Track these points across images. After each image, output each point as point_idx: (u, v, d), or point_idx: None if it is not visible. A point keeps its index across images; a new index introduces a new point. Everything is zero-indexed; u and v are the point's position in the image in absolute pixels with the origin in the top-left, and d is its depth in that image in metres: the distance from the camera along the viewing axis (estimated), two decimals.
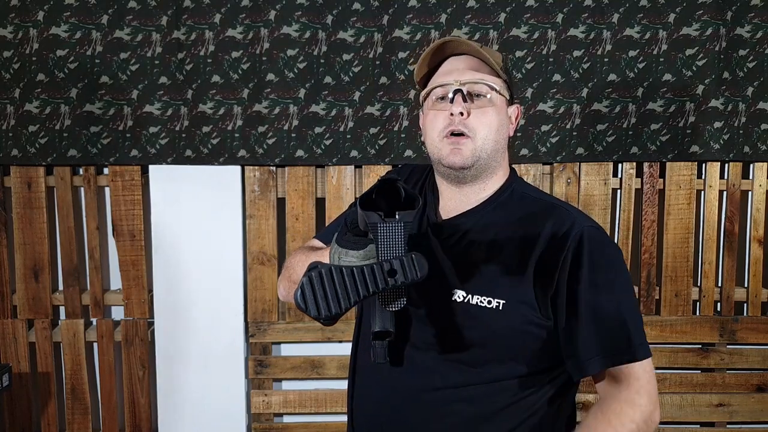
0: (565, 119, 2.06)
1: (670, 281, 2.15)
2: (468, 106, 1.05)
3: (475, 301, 1.02)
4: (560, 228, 1.04)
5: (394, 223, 0.86)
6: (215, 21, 2.01)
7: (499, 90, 1.08)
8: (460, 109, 1.04)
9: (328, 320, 0.86)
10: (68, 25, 2.01)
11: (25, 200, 2.10)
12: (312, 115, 2.05)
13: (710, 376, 2.20)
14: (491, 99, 1.07)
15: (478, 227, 1.09)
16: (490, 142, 1.07)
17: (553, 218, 1.05)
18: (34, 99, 2.02)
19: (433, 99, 1.10)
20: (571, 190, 2.12)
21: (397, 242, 0.86)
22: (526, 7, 2.02)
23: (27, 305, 2.14)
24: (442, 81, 1.09)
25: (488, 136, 1.06)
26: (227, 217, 2.11)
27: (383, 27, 2.02)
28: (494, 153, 1.08)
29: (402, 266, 0.82)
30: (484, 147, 1.06)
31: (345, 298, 0.83)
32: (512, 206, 1.10)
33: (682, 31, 2.03)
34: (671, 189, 2.12)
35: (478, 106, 1.06)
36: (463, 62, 1.09)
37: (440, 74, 1.11)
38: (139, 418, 2.19)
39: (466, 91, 1.06)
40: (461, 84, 1.06)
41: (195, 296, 2.12)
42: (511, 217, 1.08)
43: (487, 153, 1.07)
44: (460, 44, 1.09)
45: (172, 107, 2.04)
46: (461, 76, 1.07)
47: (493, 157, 1.08)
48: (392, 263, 0.83)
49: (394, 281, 0.83)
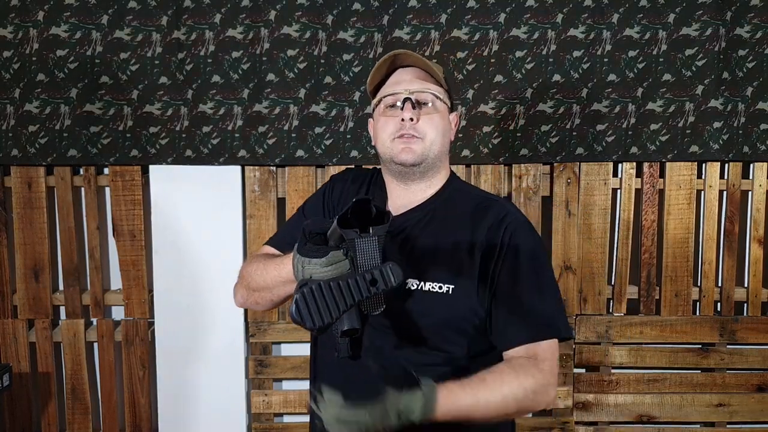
0: (564, 119, 2.06)
1: (670, 281, 2.16)
2: (417, 112, 1.17)
3: (427, 288, 1.13)
4: (496, 219, 1.16)
5: (369, 238, 0.95)
6: (215, 21, 2.01)
7: (442, 98, 1.21)
8: (411, 115, 1.16)
9: (321, 330, 0.95)
10: (68, 25, 2.01)
11: (26, 200, 2.10)
12: (312, 115, 2.05)
13: (710, 376, 2.20)
14: (436, 106, 1.20)
15: (426, 221, 1.20)
16: (437, 144, 1.19)
17: (491, 210, 1.18)
18: (34, 99, 2.02)
19: (383, 107, 1.22)
20: (571, 190, 2.12)
21: (374, 254, 0.95)
22: (525, 8, 2.02)
23: (27, 305, 2.14)
24: (392, 90, 1.21)
25: (435, 138, 1.18)
26: (227, 217, 2.12)
27: (383, 27, 2.02)
28: (440, 154, 1.20)
29: (382, 275, 0.92)
30: (432, 148, 1.18)
31: (335, 309, 0.92)
32: (455, 201, 1.22)
33: (682, 32, 2.03)
34: (671, 189, 2.12)
35: (425, 113, 1.19)
36: (410, 73, 1.21)
37: (390, 84, 1.23)
38: (139, 418, 2.19)
39: (414, 99, 1.18)
40: (410, 93, 1.18)
41: (195, 296, 2.12)
42: (455, 211, 1.20)
43: (434, 153, 1.19)
44: (408, 56, 1.21)
45: (173, 107, 2.04)
46: (410, 85, 1.19)
47: (438, 157, 1.20)
48: (373, 273, 0.92)
49: (375, 289, 0.92)
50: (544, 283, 1.16)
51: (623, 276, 2.16)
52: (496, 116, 2.04)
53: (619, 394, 2.19)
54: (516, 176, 2.11)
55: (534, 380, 1.06)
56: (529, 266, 1.14)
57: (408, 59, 1.22)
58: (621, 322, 2.17)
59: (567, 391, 2.17)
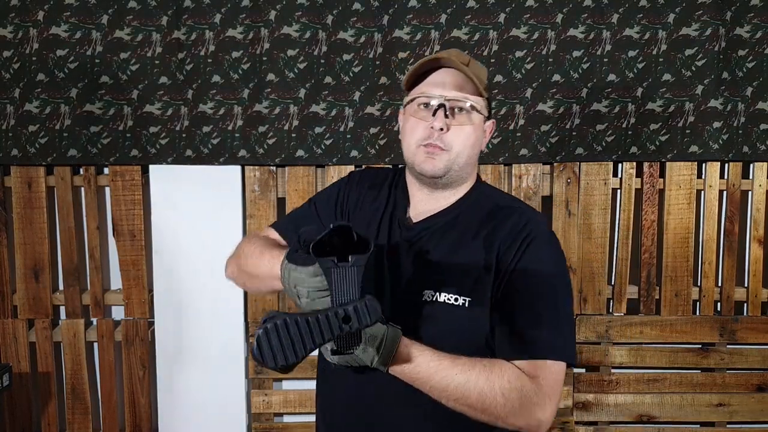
0: (564, 119, 2.06)
1: (670, 281, 2.16)
2: (449, 121, 1.11)
3: (443, 299, 1.08)
4: (514, 229, 1.10)
5: (347, 267, 0.86)
6: (215, 21, 2.01)
7: (479, 109, 1.14)
8: (441, 125, 1.10)
9: (285, 370, 0.85)
10: (68, 25, 2.01)
11: (26, 200, 2.10)
12: (312, 115, 2.05)
13: (710, 376, 2.20)
14: (471, 117, 1.13)
15: (445, 229, 1.14)
16: (464, 157, 1.13)
17: (510, 219, 1.12)
18: (34, 99, 2.02)
19: (415, 105, 1.15)
20: (571, 190, 2.12)
21: (351, 286, 0.86)
22: (525, 8, 2.02)
23: (27, 305, 2.14)
24: (428, 92, 1.13)
25: (462, 151, 1.12)
26: (227, 217, 2.12)
27: (383, 27, 2.02)
28: (466, 166, 1.15)
29: (356, 313, 0.84)
30: (457, 161, 1.12)
31: (301, 348, 0.83)
32: (478, 208, 1.16)
33: (682, 32, 2.03)
34: (671, 189, 2.12)
35: (458, 123, 1.12)
36: (451, 76, 1.13)
37: (428, 84, 1.15)
38: (139, 417, 2.19)
39: (448, 108, 1.11)
40: (446, 99, 1.11)
41: (195, 296, 2.12)
42: (476, 219, 1.14)
43: (459, 166, 1.13)
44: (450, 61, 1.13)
45: (173, 107, 2.04)
46: (447, 91, 1.12)
47: (464, 169, 1.15)
48: (347, 310, 0.83)
49: (348, 327, 0.84)
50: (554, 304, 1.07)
51: (623, 276, 2.16)
52: (496, 116, 2.04)
53: (619, 394, 2.19)
54: (516, 176, 2.11)
55: (509, 384, 0.98)
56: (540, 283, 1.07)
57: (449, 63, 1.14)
58: (621, 322, 2.17)
59: (567, 391, 2.17)
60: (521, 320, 1.05)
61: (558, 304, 1.08)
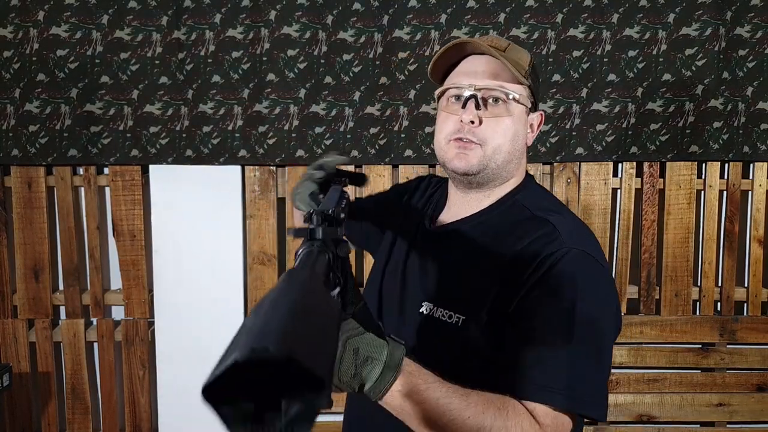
0: (564, 119, 2.06)
1: (670, 281, 2.16)
2: (481, 113, 0.98)
3: (438, 315, 0.97)
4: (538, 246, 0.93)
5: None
6: (215, 21, 2.01)
7: (518, 98, 1.00)
8: (471, 118, 0.97)
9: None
10: (68, 25, 2.01)
11: (26, 200, 2.10)
12: (312, 115, 2.05)
13: (710, 376, 2.20)
14: (508, 108, 1.00)
15: (465, 238, 1.03)
16: (503, 153, 1.00)
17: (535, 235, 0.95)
18: (34, 99, 2.02)
19: (446, 99, 1.03)
20: (571, 190, 2.12)
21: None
22: (525, 8, 2.02)
23: (27, 305, 2.14)
24: (457, 82, 1.01)
25: (501, 146, 0.99)
26: (227, 217, 2.12)
27: (383, 27, 2.02)
28: (505, 163, 1.01)
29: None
30: (494, 157, 0.99)
31: None
32: (502, 219, 1.02)
33: (682, 31, 2.03)
34: (671, 189, 2.12)
35: (492, 114, 0.99)
36: (483, 64, 1.00)
37: (458, 73, 1.03)
38: (139, 417, 2.19)
39: (480, 97, 0.98)
40: (476, 89, 0.98)
41: (195, 296, 2.12)
42: (494, 232, 1.00)
43: (496, 163, 1.00)
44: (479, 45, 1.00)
45: (173, 107, 2.04)
46: (478, 80, 0.99)
47: (503, 167, 1.01)
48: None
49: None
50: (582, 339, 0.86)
51: (623, 276, 2.16)
52: None
53: (619, 394, 2.19)
54: None
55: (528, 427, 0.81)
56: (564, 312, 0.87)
57: (479, 48, 1.00)
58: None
59: None
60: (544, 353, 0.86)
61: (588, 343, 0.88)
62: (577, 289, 0.88)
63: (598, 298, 0.91)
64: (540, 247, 0.92)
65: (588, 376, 0.87)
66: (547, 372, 0.85)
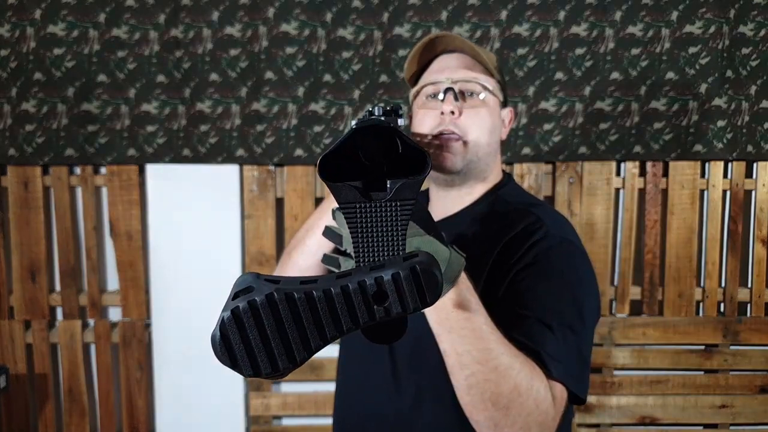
0: (567, 118, 2.04)
1: (674, 282, 2.13)
2: (460, 105, 1.00)
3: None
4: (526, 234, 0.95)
5: (382, 203, 0.52)
6: (213, 19, 1.99)
7: (492, 90, 1.03)
8: (452, 108, 0.98)
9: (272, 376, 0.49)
10: (65, 24, 1.99)
11: (22, 200, 2.08)
12: (311, 114, 2.03)
13: (713, 378, 2.18)
14: (484, 99, 1.02)
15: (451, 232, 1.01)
16: (483, 145, 1.02)
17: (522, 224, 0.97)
18: (30, 98, 2.00)
19: (423, 97, 1.04)
20: (574, 190, 2.10)
21: (390, 236, 0.52)
22: (527, 5, 2.00)
23: (24, 306, 2.12)
24: (433, 78, 1.02)
25: (481, 137, 1.01)
26: (225, 217, 2.10)
27: (383, 25, 2.00)
28: (486, 156, 1.03)
29: (396, 284, 0.46)
30: (476, 149, 1.01)
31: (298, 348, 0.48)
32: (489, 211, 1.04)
33: (685, 29, 2.01)
34: (674, 188, 2.10)
35: (470, 106, 1.01)
36: (455, 60, 1.04)
37: (432, 71, 1.05)
38: (136, 419, 2.17)
39: (458, 90, 1.00)
40: (453, 82, 1.00)
41: (193, 297, 2.10)
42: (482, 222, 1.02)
43: (478, 156, 1.02)
44: (453, 40, 1.03)
45: (170, 106, 2.02)
46: (453, 74, 1.01)
47: (484, 160, 1.03)
48: (381, 279, 0.47)
49: (384, 312, 0.47)
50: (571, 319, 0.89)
51: (626, 276, 2.14)
52: None
53: (621, 396, 2.17)
54: (518, 175, 2.09)
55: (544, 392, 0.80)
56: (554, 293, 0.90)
57: (453, 43, 1.03)
58: (624, 324, 2.15)
59: None
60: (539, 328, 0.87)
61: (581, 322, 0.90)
62: (564, 272, 0.92)
63: (582, 281, 0.95)
64: (527, 234, 0.95)
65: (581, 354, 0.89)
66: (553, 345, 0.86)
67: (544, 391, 0.80)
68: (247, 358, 0.47)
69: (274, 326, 0.47)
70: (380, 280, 0.47)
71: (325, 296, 0.47)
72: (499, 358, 0.76)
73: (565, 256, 0.94)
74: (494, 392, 0.75)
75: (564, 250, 0.95)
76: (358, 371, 1.11)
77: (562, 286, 0.91)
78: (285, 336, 0.47)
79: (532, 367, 0.80)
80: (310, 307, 0.47)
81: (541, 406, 0.79)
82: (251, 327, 0.47)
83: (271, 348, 0.47)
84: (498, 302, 0.90)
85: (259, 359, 0.47)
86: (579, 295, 0.92)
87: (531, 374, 0.79)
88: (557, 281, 0.91)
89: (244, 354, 0.47)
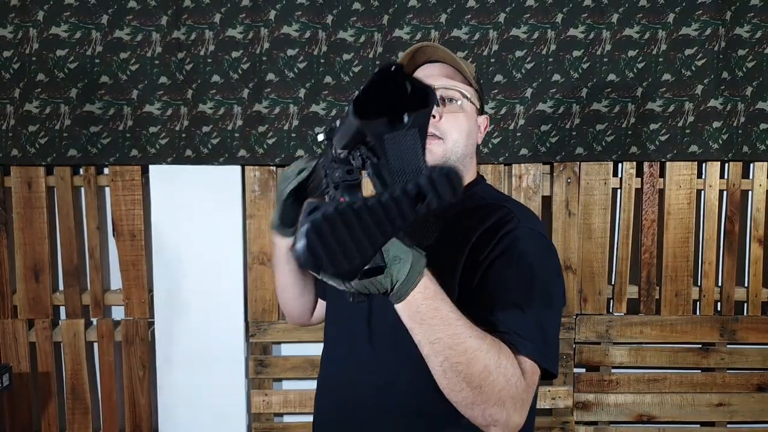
0: (564, 119, 2.06)
1: (671, 281, 2.15)
2: (441, 110, 1.09)
3: None
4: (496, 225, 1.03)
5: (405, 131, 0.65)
6: (215, 21, 2.01)
7: (470, 98, 1.13)
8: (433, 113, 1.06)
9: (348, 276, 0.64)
10: (68, 25, 2.01)
11: (26, 200, 2.10)
12: (312, 115, 2.05)
13: (710, 376, 2.20)
14: (462, 105, 1.11)
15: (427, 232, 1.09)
16: (461, 146, 1.11)
17: (493, 215, 1.06)
18: (34, 99, 2.02)
19: None
20: (571, 190, 2.12)
21: (414, 154, 0.66)
22: (525, 7, 2.02)
23: (27, 305, 2.14)
24: None
25: (459, 139, 1.10)
26: (227, 217, 2.12)
27: (383, 27, 2.02)
28: (463, 157, 1.12)
29: (431, 184, 0.60)
30: (455, 150, 1.10)
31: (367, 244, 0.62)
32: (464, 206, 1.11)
33: (682, 31, 2.03)
34: (671, 189, 2.12)
35: (450, 111, 1.10)
36: (437, 69, 1.13)
37: None
38: (139, 418, 2.19)
39: (439, 96, 1.09)
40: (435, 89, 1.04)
41: (195, 296, 2.12)
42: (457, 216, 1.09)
43: (456, 156, 1.10)
44: (436, 50, 1.12)
45: (172, 107, 2.04)
46: (435, 81, 1.10)
47: (461, 160, 1.12)
48: (419, 182, 0.61)
49: (425, 207, 0.61)
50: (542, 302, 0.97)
51: (623, 276, 2.16)
52: (496, 116, 2.04)
53: (619, 394, 2.19)
54: (516, 176, 2.11)
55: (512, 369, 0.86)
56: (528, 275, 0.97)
57: (436, 54, 1.13)
58: (621, 322, 2.17)
59: (567, 390, 2.17)
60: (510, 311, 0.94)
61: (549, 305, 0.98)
62: (533, 261, 1.00)
63: (550, 269, 1.04)
64: (500, 225, 1.03)
65: (549, 334, 0.97)
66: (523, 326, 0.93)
67: (512, 367, 0.87)
68: (327, 259, 0.60)
69: (344, 230, 0.60)
70: (420, 182, 0.61)
71: (379, 202, 0.61)
72: (467, 342, 0.82)
73: (534, 245, 1.02)
74: (467, 373, 0.83)
75: (533, 240, 1.03)
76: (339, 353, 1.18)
77: (531, 273, 0.98)
78: (355, 236, 0.61)
79: (499, 346, 0.87)
80: (368, 211, 0.61)
81: (510, 380, 0.86)
82: (327, 233, 0.60)
83: (345, 247, 0.61)
84: (473, 289, 0.98)
85: (337, 258, 0.61)
86: (547, 282, 1.00)
87: (498, 353, 0.86)
88: (527, 268, 0.98)
89: (324, 255, 0.60)
